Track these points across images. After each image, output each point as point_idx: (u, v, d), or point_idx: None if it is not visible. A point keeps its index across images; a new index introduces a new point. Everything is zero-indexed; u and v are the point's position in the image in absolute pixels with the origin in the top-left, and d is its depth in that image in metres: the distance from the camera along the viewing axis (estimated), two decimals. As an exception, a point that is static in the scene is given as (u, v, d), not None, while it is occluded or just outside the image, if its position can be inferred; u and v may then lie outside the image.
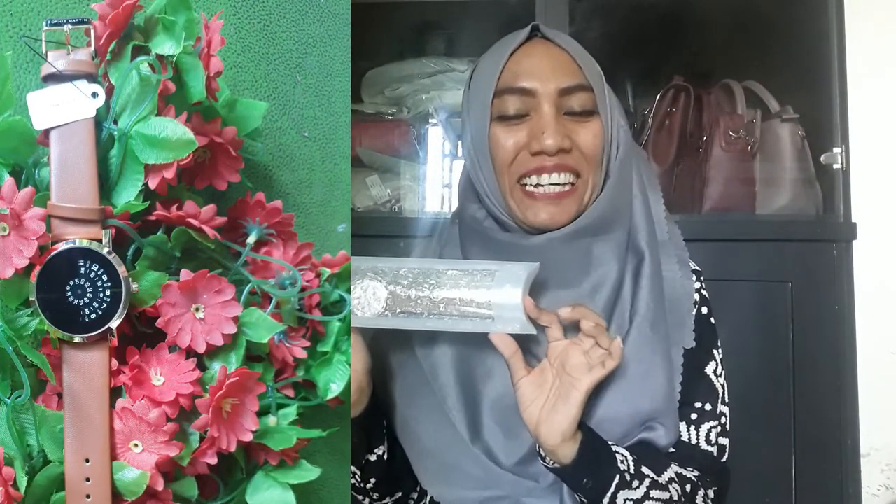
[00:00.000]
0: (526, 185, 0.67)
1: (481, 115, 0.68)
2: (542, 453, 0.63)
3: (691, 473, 0.67)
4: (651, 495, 0.63)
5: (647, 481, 0.63)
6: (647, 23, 1.30)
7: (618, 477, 0.62)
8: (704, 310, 0.73)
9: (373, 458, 0.69)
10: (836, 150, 1.19)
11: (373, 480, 0.70)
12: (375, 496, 0.71)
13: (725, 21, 1.30)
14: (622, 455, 0.63)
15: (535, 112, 0.67)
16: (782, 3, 1.27)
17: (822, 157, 1.21)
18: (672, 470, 0.65)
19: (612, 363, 0.61)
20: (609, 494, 0.62)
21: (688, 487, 0.66)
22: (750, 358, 1.15)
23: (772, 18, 1.28)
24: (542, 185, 0.66)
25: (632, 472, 0.63)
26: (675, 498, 0.64)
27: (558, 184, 0.66)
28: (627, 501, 0.62)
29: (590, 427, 0.64)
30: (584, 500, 0.63)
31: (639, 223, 0.70)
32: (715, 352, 0.72)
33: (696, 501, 0.66)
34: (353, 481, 0.70)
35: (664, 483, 0.64)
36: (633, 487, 0.62)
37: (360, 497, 0.72)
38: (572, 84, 0.67)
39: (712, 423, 0.69)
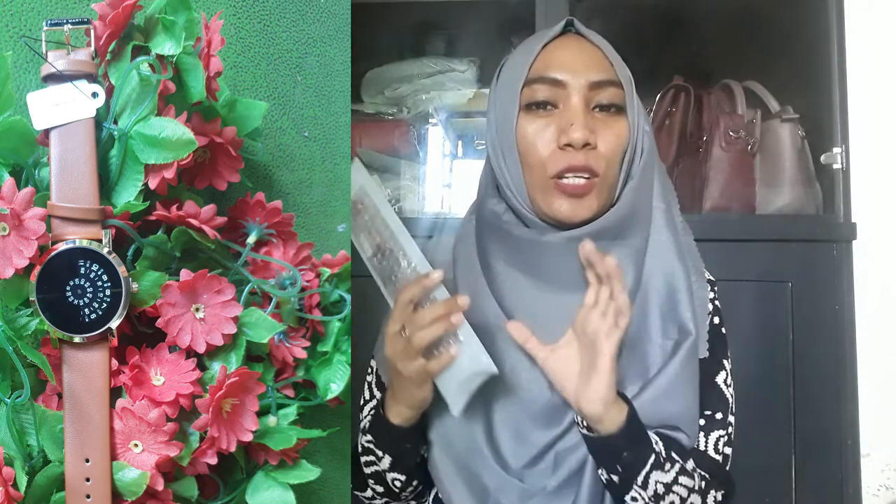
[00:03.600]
0: (555, 178, 0.66)
1: (510, 103, 0.67)
2: (585, 424, 0.63)
3: (704, 473, 0.67)
4: (679, 481, 0.63)
5: (676, 466, 0.64)
6: (647, 23, 1.30)
7: (653, 456, 0.62)
8: (716, 319, 0.72)
9: (418, 459, 0.70)
10: (836, 150, 1.19)
11: (414, 483, 0.70)
12: (408, 494, 0.72)
13: (725, 21, 1.30)
14: (654, 438, 0.64)
15: (564, 104, 0.66)
16: (782, 3, 1.27)
17: (822, 157, 1.21)
18: (692, 462, 0.66)
19: (625, 320, 0.61)
20: (644, 473, 0.62)
21: (703, 484, 0.66)
22: (750, 358, 1.14)
23: (772, 18, 1.28)
24: (567, 178, 0.66)
25: (664, 455, 0.63)
26: (696, 489, 0.65)
27: (581, 177, 0.65)
28: (658, 483, 0.62)
29: (632, 403, 0.64)
30: (615, 479, 0.63)
31: (662, 233, 0.70)
32: (725, 361, 0.71)
33: (708, 500, 0.66)
34: (395, 488, 0.70)
35: (690, 471, 0.65)
36: (665, 470, 0.63)
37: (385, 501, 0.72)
38: (603, 78, 0.66)
39: (721, 432, 0.69)
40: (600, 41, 0.69)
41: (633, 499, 0.63)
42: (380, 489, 0.71)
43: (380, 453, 0.68)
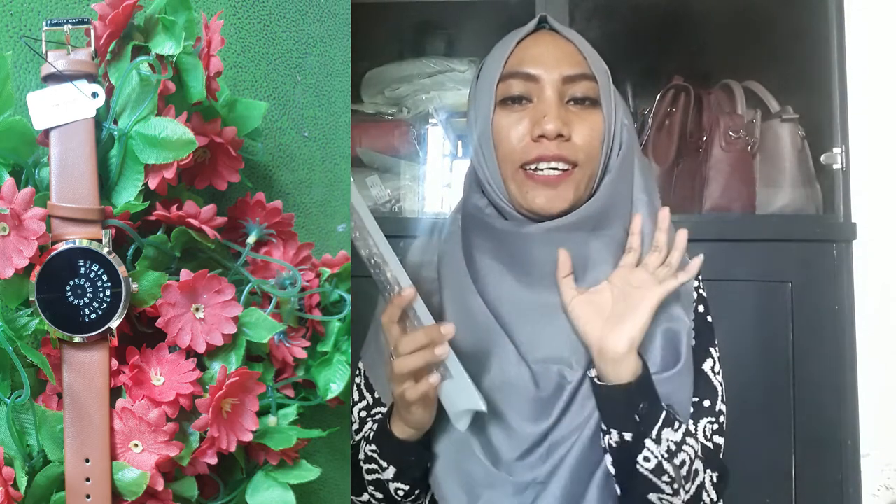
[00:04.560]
0: (527, 168, 0.68)
1: (486, 99, 0.69)
2: (599, 375, 0.64)
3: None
4: (687, 441, 0.64)
5: (683, 426, 0.64)
6: (647, 23, 1.30)
7: (664, 412, 0.63)
8: (701, 308, 0.73)
9: (422, 471, 0.70)
10: (836, 150, 1.19)
11: (416, 492, 0.70)
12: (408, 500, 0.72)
13: (725, 21, 1.30)
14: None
15: (538, 98, 0.68)
16: (782, 3, 1.27)
17: (822, 157, 1.21)
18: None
19: (686, 276, 0.65)
20: (657, 427, 0.63)
21: (702, 455, 0.66)
22: (750, 358, 1.15)
23: (772, 18, 1.28)
24: (541, 170, 0.67)
25: (671, 414, 0.64)
26: (699, 455, 0.65)
27: (556, 168, 0.67)
28: (669, 441, 0.63)
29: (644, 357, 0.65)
30: (627, 438, 0.63)
31: (645, 224, 0.70)
32: (712, 350, 0.72)
33: (705, 478, 0.67)
34: (397, 496, 0.70)
35: (693, 433, 0.65)
36: (674, 428, 0.63)
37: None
38: (576, 72, 0.68)
39: (709, 419, 0.69)
40: (574, 36, 0.71)
41: (646, 458, 0.63)
42: (379, 496, 0.71)
43: (384, 464, 0.68)
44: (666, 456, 0.63)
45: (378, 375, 0.76)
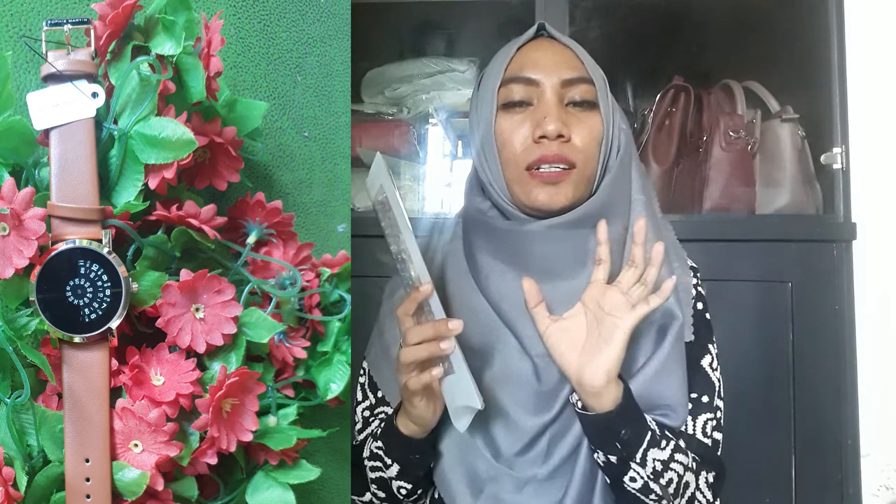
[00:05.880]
0: (530, 169, 0.69)
1: (488, 103, 0.71)
2: (581, 403, 0.65)
3: (694, 455, 0.68)
4: (675, 458, 0.64)
5: (672, 443, 0.65)
6: (647, 23, 1.30)
7: (649, 433, 0.64)
8: (700, 305, 0.74)
9: (426, 470, 0.70)
10: (836, 150, 1.19)
11: (419, 491, 0.71)
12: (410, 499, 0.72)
13: (725, 21, 1.30)
14: (648, 417, 0.65)
15: (539, 101, 0.69)
16: (782, 3, 1.27)
17: (822, 157, 1.21)
18: (682, 441, 0.67)
19: (658, 301, 0.63)
20: (642, 450, 0.63)
21: (694, 465, 0.67)
22: (750, 358, 1.15)
23: (772, 18, 1.28)
24: (542, 168, 0.68)
25: (658, 432, 0.64)
26: (690, 467, 0.66)
27: (556, 166, 0.68)
28: (656, 461, 0.63)
29: (626, 382, 0.65)
30: (613, 460, 0.64)
31: (649, 231, 0.70)
32: (710, 346, 0.73)
33: (699, 481, 0.67)
34: (400, 495, 0.71)
35: (683, 448, 0.66)
36: (661, 447, 0.64)
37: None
38: (574, 76, 0.69)
39: (708, 416, 0.70)
40: (571, 43, 0.73)
41: (632, 479, 0.64)
42: (382, 495, 0.71)
43: (388, 461, 0.68)
44: (652, 476, 0.63)
45: (382, 375, 0.76)
